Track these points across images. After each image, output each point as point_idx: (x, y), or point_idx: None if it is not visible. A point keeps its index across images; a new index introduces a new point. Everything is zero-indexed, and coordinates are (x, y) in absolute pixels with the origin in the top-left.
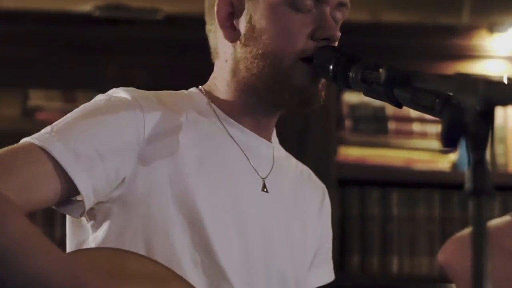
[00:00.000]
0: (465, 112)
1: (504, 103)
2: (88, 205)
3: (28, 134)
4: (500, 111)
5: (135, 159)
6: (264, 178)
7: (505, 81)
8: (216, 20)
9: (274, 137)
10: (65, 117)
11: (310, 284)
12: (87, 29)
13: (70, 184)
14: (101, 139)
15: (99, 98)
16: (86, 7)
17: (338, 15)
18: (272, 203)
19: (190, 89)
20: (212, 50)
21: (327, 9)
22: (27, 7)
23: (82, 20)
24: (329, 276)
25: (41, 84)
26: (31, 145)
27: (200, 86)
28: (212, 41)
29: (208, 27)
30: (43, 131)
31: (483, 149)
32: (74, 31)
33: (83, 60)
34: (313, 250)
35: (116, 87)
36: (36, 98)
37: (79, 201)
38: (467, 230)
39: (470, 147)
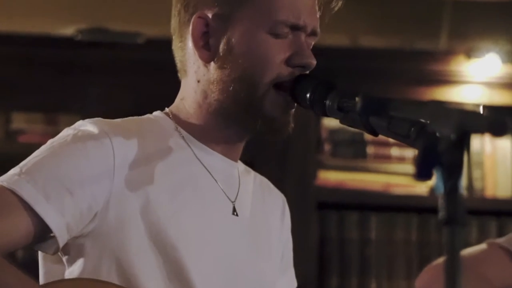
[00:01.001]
0: (439, 141)
1: (477, 132)
2: (62, 242)
3: (11, 156)
4: (477, 137)
5: (107, 192)
6: (234, 202)
7: (479, 110)
8: (189, 39)
9: None
10: (33, 155)
11: None
12: (69, 52)
13: (42, 224)
14: (71, 175)
15: (66, 132)
16: (69, 31)
17: (309, 42)
18: (243, 226)
19: (155, 113)
20: (179, 67)
21: (303, 36)
22: (10, 29)
23: (65, 43)
24: (293, 282)
25: (23, 106)
26: (0, 188)
27: (166, 109)
28: (179, 58)
29: (176, 43)
30: (11, 172)
31: (457, 178)
32: (57, 54)
33: (65, 83)
34: (279, 261)
35: (99, 109)
36: (19, 120)
37: (53, 237)
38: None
39: (444, 177)
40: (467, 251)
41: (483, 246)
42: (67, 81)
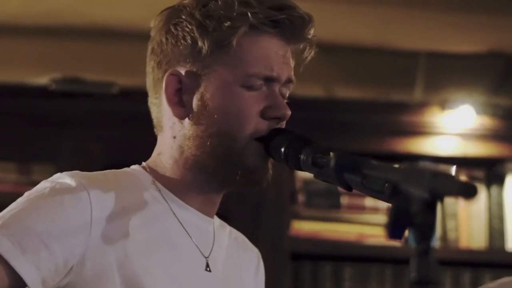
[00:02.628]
0: (411, 202)
1: (448, 195)
2: None
3: None
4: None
5: (84, 244)
6: (207, 257)
7: (451, 173)
8: (163, 96)
9: None
10: (9, 208)
11: None
12: (43, 102)
13: (18, 278)
14: (47, 229)
15: (44, 185)
16: (42, 80)
17: (285, 91)
18: (215, 282)
19: (132, 167)
20: (155, 123)
21: (277, 88)
22: None
23: (38, 93)
24: None
25: None
26: None
27: (143, 163)
28: (155, 114)
29: (151, 100)
30: None
31: (429, 239)
32: (30, 103)
33: (39, 133)
34: None
35: (73, 159)
36: None
37: None
38: None
39: (416, 238)
40: None
41: None
42: (41, 130)
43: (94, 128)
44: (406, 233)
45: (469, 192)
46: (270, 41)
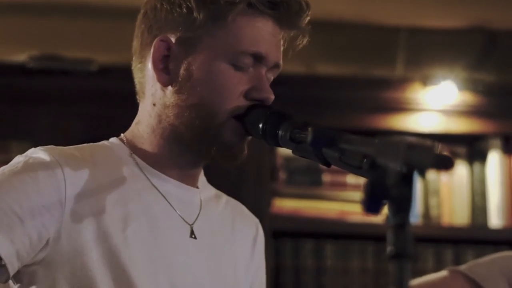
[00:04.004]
0: (387, 175)
1: (423, 168)
2: (12, 270)
3: None
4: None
5: (58, 219)
6: (192, 224)
7: (428, 144)
8: (149, 60)
9: (202, 179)
10: None
11: None
12: (21, 79)
13: None
14: (21, 203)
15: (18, 160)
16: (20, 58)
17: (270, 76)
18: (202, 249)
19: (111, 140)
20: (137, 89)
21: (264, 70)
22: None
23: (16, 70)
24: None
25: None
26: None
27: (122, 135)
28: (138, 79)
29: (135, 64)
30: None
31: (405, 212)
32: (8, 81)
33: (17, 110)
34: (246, 285)
35: (51, 137)
36: None
37: (3, 266)
38: None
39: (392, 211)
40: (427, 278)
41: (444, 273)
42: (19, 108)
43: (73, 105)
44: (383, 207)
45: (445, 163)
46: (265, 22)
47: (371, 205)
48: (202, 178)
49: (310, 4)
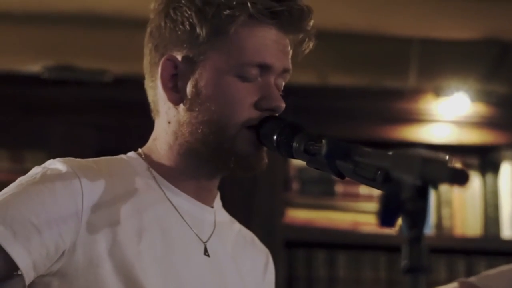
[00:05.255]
0: (402, 188)
1: (439, 182)
2: (28, 280)
3: None
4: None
5: (75, 230)
6: (205, 242)
7: (443, 158)
8: (159, 80)
9: (218, 202)
10: (1, 193)
11: None
12: (35, 89)
13: (9, 261)
14: (38, 214)
15: (35, 171)
16: (35, 68)
17: (281, 81)
18: (214, 268)
19: (129, 154)
20: (152, 107)
21: (272, 79)
22: None
23: (31, 81)
24: None
25: None
26: None
27: (139, 150)
28: (152, 98)
29: (147, 83)
30: None
31: (420, 226)
32: (23, 91)
33: (31, 120)
34: None
35: (65, 147)
36: None
37: (19, 275)
38: None
39: (407, 225)
40: None
41: (454, 285)
42: (33, 118)
43: (87, 115)
44: (398, 220)
45: (460, 178)
46: (267, 31)
47: (386, 218)
48: (218, 201)
49: (312, 8)
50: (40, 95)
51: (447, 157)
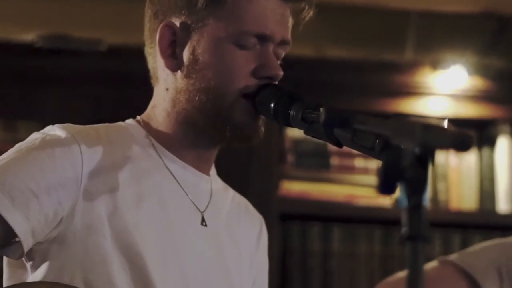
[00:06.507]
0: (403, 155)
1: (441, 148)
2: (26, 247)
3: None
4: (441, 152)
5: (74, 196)
6: (203, 212)
7: (444, 125)
8: (157, 47)
9: (212, 169)
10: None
11: None
12: (29, 58)
13: (7, 227)
14: (37, 180)
15: (34, 136)
16: (29, 37)
17: (280, 52)
18: (211, 237)
19: (127, 121)
20: (151, 73)
21: (271, 47)
22: None
23: (25, 50)
24: None
25: None
26: None
27: (138, 117)
28: (151, 65)
29: (147, 49)
30: None
31: (420, 193)
32: (16, 60)
33: (25, 90)
34: (250, 282)
35: (59, 117)
36: None
37: (17, 242)
38: (398, 275)
39: (407, 192)
40: None
41: (434, 263)
42: (27, 88)
43: (81, 85)
44: (397, 188)
45: (462, 144)
46: (267, 0)
47: (385, 185)
48: (212, 169)
49: None
50: (34, 65)
51: (447, 124)
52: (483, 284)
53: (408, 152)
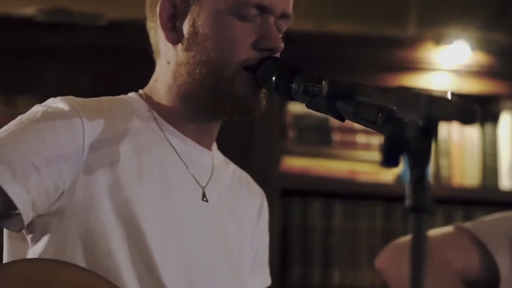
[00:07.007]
0: (407, 127)
1: (445, 119)
2: (26, 220)
3: None
4: (445, 125)
5: (75, 169)
6: (204, 187)
7: (448, 97)
8: (158, 20)
9: (214, 144)
10: (0, 131)
11: None
12: (29, 33)
13: (7, 200)
14: (38, 153)
15: (36, 109)
16: (29, 11)
17: (282, 25)
18: (212, 213)
19: (129, 94)
20: (153, 48)
21: (271, 19)
22: None
23: (24, 24)
24: (266, 281)
25: None
26: None
27: (140, 91)
28: (153, 39)
29: (149, 24)
30: None
31: (424, 165)
32: (16, 34)
33: (24, 64)
34: (251, 257)
35: (58, 92)
36: None
37: (18, 214)
38: (406, 238)
39: (411, 164)
40: (432, 232)
41: (449, 228)
42: (26, 62)
43: (81, 60)
44: (401, 159)
45: (467, 116)
46: None
47: (389, 157)
48: (214, 144)
49: None
50: (34, 39)
51: (451, 96)
52: (495, 253)
53: (412, 123)
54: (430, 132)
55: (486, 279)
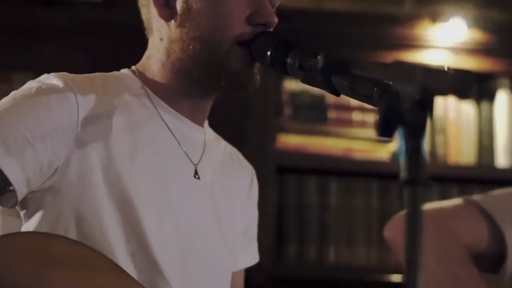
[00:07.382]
0: (402, 100)
1: (441, 92)
2: (20, 196)
3: None
4: (441, 102)
5: (69, 145)
6: (196, 165)
7: (445, 70)
8: None
9: (205, 120)
10: None
11: (237, 266)
12: (25, 10)
13: (1, 176)
14: (33, 129)
15: (30, 85)
16: None
17: (275, 0)
18: (203, 190)
19: (122, 71)
20: (145, 25)
21: None
22: None
23: (20, 1)
24: (255, 257)
25: None
26: None
27: (133, 67)
28: (145, 16)
29: (141, 1)
30: None
31: (420, 138)
32: (11, 11)
33: (20, 42)
34: (242, 233)
35: (54, 69)
36: None
37: (12, 190)
38: None
39: (406, 136)
40: (441, 204)
41: (458, 201)
42: (22, 39)
43: (77, 37)
44: (396, 131)
45: (463, 89)
46: None
47: (384, 128)
48: (205, 120)
49: None
50: (30, 16)
51: (448, 69)
52: (504, 227)
53: (408, 96)
54: (426, 105)
55: (494, 252)
